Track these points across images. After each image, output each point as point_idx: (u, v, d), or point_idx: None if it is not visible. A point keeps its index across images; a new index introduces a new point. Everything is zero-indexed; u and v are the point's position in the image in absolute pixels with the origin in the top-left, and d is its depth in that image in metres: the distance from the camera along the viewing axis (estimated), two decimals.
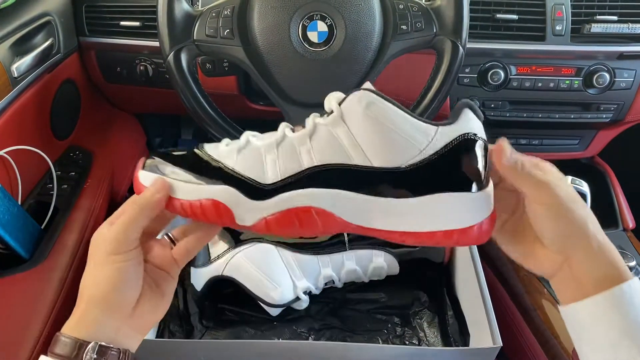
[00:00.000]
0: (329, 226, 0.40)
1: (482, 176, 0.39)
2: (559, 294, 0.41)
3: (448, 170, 0.38)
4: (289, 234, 0.42)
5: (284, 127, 0.42)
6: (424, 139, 0.38)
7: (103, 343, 0.39)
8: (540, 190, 0.39)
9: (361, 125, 0.38)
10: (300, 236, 0.44)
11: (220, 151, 0.42)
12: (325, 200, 0.39)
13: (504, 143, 0.40)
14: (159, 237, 0.46)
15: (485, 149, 0.40)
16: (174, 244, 0.46)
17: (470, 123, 0.39)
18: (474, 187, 0.39)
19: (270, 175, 0.40)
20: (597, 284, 0.38)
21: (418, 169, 0.38)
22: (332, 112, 0.40)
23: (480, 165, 0.39)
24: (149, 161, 0.43)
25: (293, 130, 0.41)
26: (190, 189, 0.41)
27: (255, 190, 0.40)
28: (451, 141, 0.38)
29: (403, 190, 0.39)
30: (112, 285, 0.40)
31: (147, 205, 0.41)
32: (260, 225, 0.40)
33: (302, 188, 0.39)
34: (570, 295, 0.39)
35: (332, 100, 0.40)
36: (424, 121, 0.38)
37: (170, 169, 0.42)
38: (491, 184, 0.41)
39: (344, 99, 0.40)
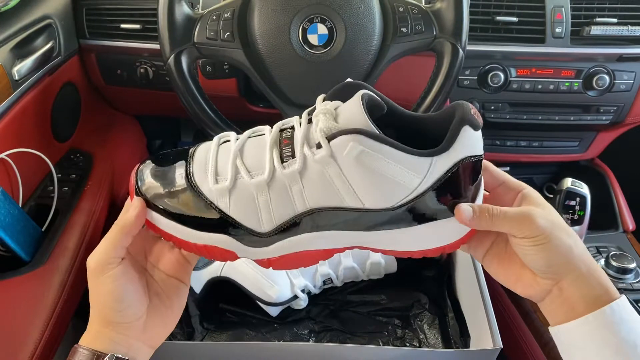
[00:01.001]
0: (329, 256, 0.43)
1: (473, 196, 0.40)
2: (549, 316, 0.41)
3: (440, 200, 0.39)
4: (292, 268, 0.43)
5: (269, 139, 0.40)
6: (416, 178, 0.37)
7: (119, 355, 0.41)
8: (520, 225, 0.39)
9: (352, 168, 0.37)
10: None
11: (211, 190, 0.40)
12: (322, 241, 0.41)
13: (461, 205, 0.39)
14: None
15: (480, 165, 0.39)
16: None
17: (467, 145, 0.37)
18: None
19: (265, 223, 0.40)
20: (588, 304, 0.38)
21: (411, 207, 0.38)
22: (320, 145, 0.37)
23: (473, 185, 0.39)
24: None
25: (282, 160, 0.39)
26: (193, 234, 0.41)
27: (253, 238, 0.41)
28: (446, 172, 0.37)
29: (395, 224, 0.40)
30: (110, 306, 0.41)
31: (125, 226, 0.42)
32: (263, 263, 0.43)
33: (298, 234, 0.40)
34: (562, 317, 0.40)
35: (318, 131, 0.37)
36: (418, 154, 0.37)
37: (165, 222, 0.42)
38: (480, 194, 0.41)
39: (333, 136, 0.37)
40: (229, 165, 0.40)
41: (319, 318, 0.80)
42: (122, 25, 0.90)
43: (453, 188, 0.38)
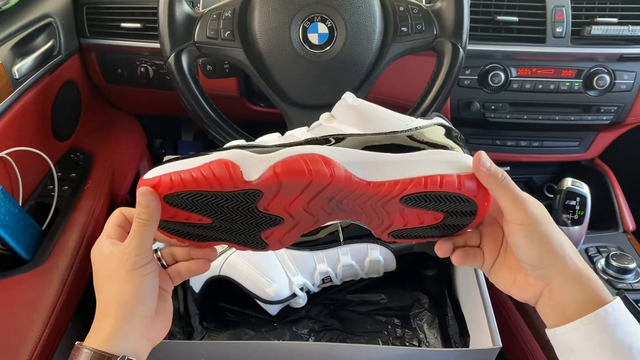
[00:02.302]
0: (335, 177, 0.40)
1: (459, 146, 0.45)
2: (545, 318, 0.42)
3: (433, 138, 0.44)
4: (299, 180, 0.40)
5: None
6: (402, 123, 0.45)
7: (132, 358, 0.40)
8: (517, 207, 0.39)
9: (351, 114, 0.45)
10: (310, 182, 0.40)
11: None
12: (329, 153, 0.40)
13: (482, 153, 0.40)
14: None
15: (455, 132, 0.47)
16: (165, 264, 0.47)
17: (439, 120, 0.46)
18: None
19: (273, 142, 0.43)
20: (580, 308, 0.39)
21: (410, 135, 0.43)
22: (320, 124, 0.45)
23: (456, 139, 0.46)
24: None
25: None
26: (198, 159, 0.41)
27: (260, 149, 0.41)
28: (429, 123, 0.45)
29: (399, 150, 0.42)
30: (138, 300, 0.41)
31: (153, 215, 0.40)
32: (269, 175, 0.39)
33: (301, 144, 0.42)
34: (555, 320, 0.40)
35: (321, 117, 0.46)
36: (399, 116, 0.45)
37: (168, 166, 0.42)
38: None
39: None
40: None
41: (318, 317, 0.80)
42: (123, 24, 0.90)
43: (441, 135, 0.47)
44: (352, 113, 0.45)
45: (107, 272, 0.42)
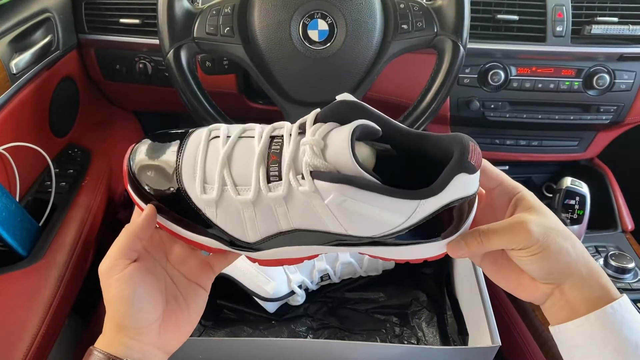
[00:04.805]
0: (314, 257, 0.44)
1: (456, 228, 0.39)
2: (550, 317, 0.41)
3: (422, 234, 0.39)
4: (278, 266, 0.45)
5: (258, 150, 0.39)
6: (400, 218, 0.37)
7: None
8: (513, 237, 0.38)
9: (336, 208, 0.36)
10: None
11: (199, 198, 0.40)
12: (306, 252, 0.42)
13: (449, 244, 0.39)
14: None
15: (473, 202, 0.39)
16: None
17: (459, 189, 0.36)
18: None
19: (250, 234, 0.40)
20: (590, 305, 0.38)
21: (394, 236, 0.38)
22: (302, 176, 0.37)
23: (459, 222, 0.39)
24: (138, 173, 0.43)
25: (268, 179, 0.38)
26: (184, 232, 0.42)
27: (239, 244, 0.42)
28: (431, 214, 0.37)
29: (379, 245, 0.40)
30: (121, 309, 0.40)
31: (134, 230, 0.41)
32: (251, 259, 0.44)
33: (282, 246, 0.41)
34: (564, 318, 0.39)
35: (304, 165, 0.36)
36: (405, 196, 0.35)
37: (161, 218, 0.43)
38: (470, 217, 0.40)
39: (318, 175, 0.36)
40: (216, 174, 0.40)
41: (316, 315, 0.80)
42: (122, 20, 0.90)
43: (437, 225, 0.38)
44: (342, 211, 0.37)
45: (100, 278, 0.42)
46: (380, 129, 0.38)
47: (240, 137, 0.41)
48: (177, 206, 0.41)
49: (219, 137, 0.41)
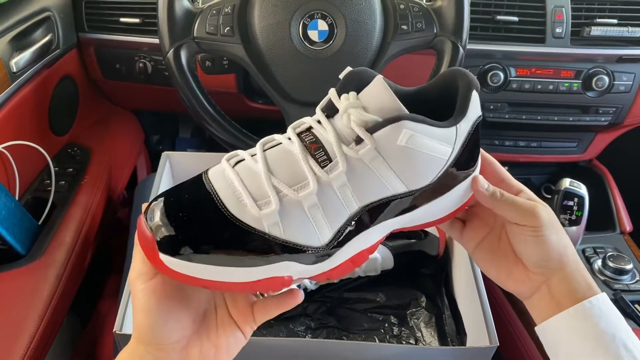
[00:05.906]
0: (375, 249, 0.43)
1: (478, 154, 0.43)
2: (535, 313, 0.44)
3: (460, 166, 0.41)
4: (348, 273, 0.42)
5: (296, 148, 0.37)
6: (448, 147, 0.39)
7: None
8: (525, 214, 0.41)
9: (398, 156, 0.37)
10: None
11: (257, 218, 0.36)
12: (374, 235, 0.41)
13: (479, 176, 0.43)
14: None
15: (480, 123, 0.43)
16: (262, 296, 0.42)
17: (477, 107, 0.41)
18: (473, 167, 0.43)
19: (322, 236, 0.38)
20: (573, 299, 0.40)
21: (440, 181, 0.41)
22: (359, 140, 0.36)
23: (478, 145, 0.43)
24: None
25: (321, 166, 0.37)
26: (242, 273, 0.37)
27: (312, 256, 0.38)
28: (467, 135, 0.40)
29: (427, 200, 0.42)
30: (142, 321, 0.37)
31: None
32: (321, 277, 0.40)
33: (354, 236, 0.39)
34: (549, 313, 0.42)
35: (355, 127, 0.36)
36: (445, 124, 0.39)
37: (196, 267, 0.35)
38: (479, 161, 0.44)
39: (375, 127, 0.36)
40: (265, 186, 0.36)
41: (315, 315, 0.80)
42: (122, 19, 0.90)
43: (472, 149, 0.41)
44: (404, 155, 0.37)
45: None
46: (394, 85, 0.41)
47: (266, 149, 0.39)
48: (231, 242, 0.36)
49: (244, 159, 0.39)
